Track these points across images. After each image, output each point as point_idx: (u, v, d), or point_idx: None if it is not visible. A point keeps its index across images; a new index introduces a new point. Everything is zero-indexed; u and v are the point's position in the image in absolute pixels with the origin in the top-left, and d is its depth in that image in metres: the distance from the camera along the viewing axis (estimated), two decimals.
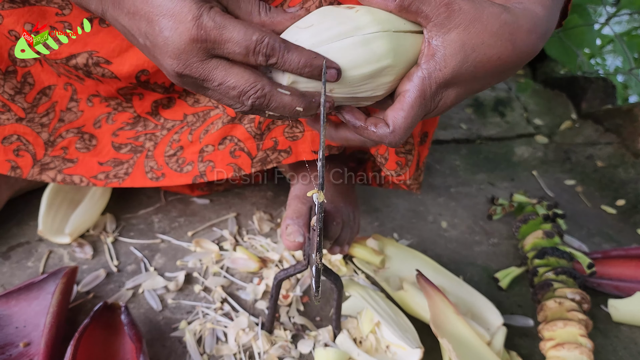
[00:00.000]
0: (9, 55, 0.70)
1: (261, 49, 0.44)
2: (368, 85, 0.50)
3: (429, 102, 0.51)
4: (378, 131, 0.50)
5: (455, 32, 0.48)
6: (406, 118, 0.50)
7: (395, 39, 0.48)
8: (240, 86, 0.46)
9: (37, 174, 0.79)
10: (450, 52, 0.48)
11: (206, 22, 0.44)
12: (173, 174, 0.80)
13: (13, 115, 0.75)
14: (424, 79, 0.50)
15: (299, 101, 0.47)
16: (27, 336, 0.68)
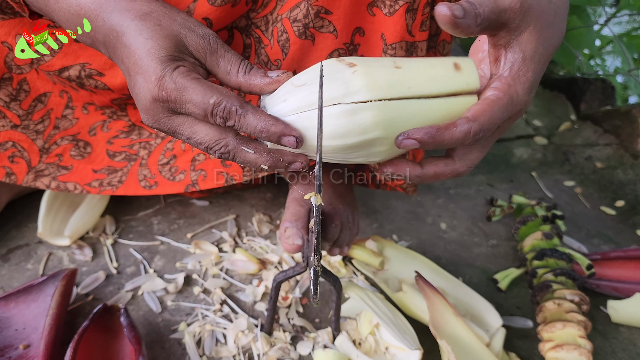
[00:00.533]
0: (5, 62, 0.70)
1: (218, 112, 0.45)
2: (357, 153, 0.47)
3: (514, 106, 0.48)
4: (458, 128, 0.45)
5: (527, 31, 0.46)
6: (489, 113, 0.46)
7: (390, 109, 0.45)
8: (205, 142, 0.47)
9: (32, 181, 0.79)
10: (529, 55, 0.47)
11: (167, 84, 0.45)
12: (166, 182, 0.81)
13: (8, 122, 0.75)
14: (509, 85, 0.47)
15: (264, 159, 0.47)
16: (26, 338, 0.68)
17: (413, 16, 0.62)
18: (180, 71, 0.45)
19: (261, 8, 0.65)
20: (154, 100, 0.46)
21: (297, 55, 0.66)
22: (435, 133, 0.45)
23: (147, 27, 0.47)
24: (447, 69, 0.47)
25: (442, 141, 0.45)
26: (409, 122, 0.45)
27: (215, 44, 0.49)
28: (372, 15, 0.64)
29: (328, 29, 0.65)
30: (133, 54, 0.47)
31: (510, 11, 0.46)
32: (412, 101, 0.45)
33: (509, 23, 0.46)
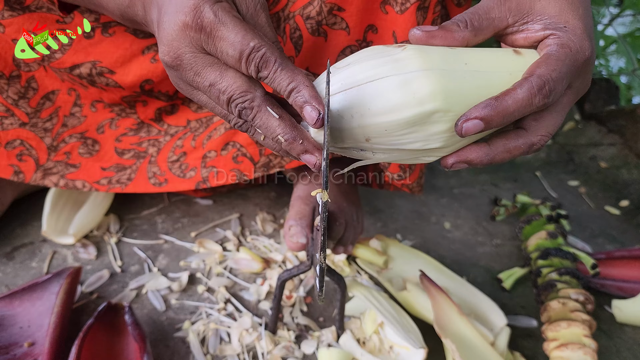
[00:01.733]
0: (13, 60, 0.70)
1: (255, 58, 0.41)
2: (413, 135, 0.41)
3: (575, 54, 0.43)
4: (518, 90, 0.40)
5: (572, 16, 0.44)
6: (545, 65, 0.41)
7: (448, 79, 0.40)
8: (230, 91, 0.42)
9: (40, 179, 0.79)
10: (557, 9, 0.44)
11: (205, 13, 0.41)
12: (176, 179, 0.81)
13: (16, 120, 0.75)
14: (559, 37, 0.43)
15: (285, 130, 0.42)
16: (31, 336, 0.68)
17: (424, 14, 0.62)
18: (223, 4, 0.41)
19: (273, 5, 0.65)
20: (184, 26, 0.41)
21: (310, 52, 0.66)
22: (496, 103, 0.40)
23: None
24: (507, 52, 0.45)
25: (507, 110, 0.40)
26: (469, 94, 0.41)
27: (260, 10, 0.45)
28: (384, 13, 0.64)
29: (340, 25, 0.65)
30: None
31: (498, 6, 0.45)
32: (471, 72, 0.41)
33: (507, 16, 0.45)
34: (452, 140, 0.42)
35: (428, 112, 0.40)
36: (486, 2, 0.45)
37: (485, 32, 0.45)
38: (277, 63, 0.41)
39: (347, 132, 0.42)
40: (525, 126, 0.45)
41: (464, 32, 0.43)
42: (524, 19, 0.45)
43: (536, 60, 0.43)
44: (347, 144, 0.44)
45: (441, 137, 0.41)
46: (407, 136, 0.41)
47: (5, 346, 0.67)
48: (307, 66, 0.68)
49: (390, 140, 0.42)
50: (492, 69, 0.42)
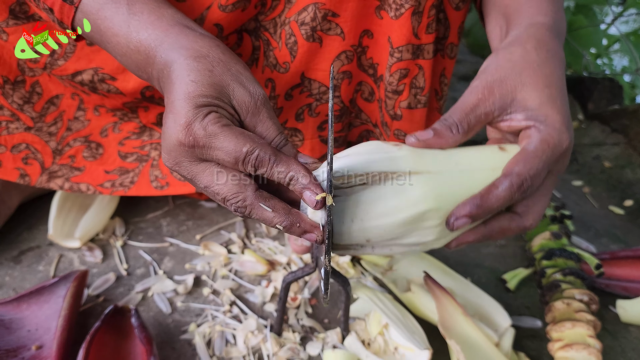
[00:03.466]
0: (18, 65, 0.71)
1: (250, 160, 0.44)
2: (409, 232, 0.46)
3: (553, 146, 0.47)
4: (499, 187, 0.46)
5: (521, 93, 0.48)
6: (523, 161, 0.46)
7: (438, 180, 0.45)
8: (223, 194, 0.46)
9: (45, 182, 0.80)
10: (538, 103, 0.48)
11: (196, 130, 0.44)
12: (177, 183, 0.81)
13: (22, 125, 0.76)
14: (539, 131, 0.47)
15: (281, 219, 0.45)
16: (39, 339, 0.69)
17: (419, 19, 0.62)
18: (211, 118, 0.44)
19: (270, 11, 0.66)
20: (179, 144, 0.45)
21: (305, 57, 0.66)
22: (480, 201, 0.45)
23: (197, 70, 0.46)
24: (493, 150, 0.49)
25: (491, 206, 0.45)
26: (456, 193, 0.45)
27: (261, 106, 0.47)
28: (379, 18, 0.65)
29: (335, 31, 0.65)
30: (173, 91, 0.46)
31: (483, 101, 0.48)
32: (459, 172, 0.46)
33: (493, 109, 0.48)
34: (444, 232, 0.47)
35: (421, 212, 0.44)
36: (470, 97, 0.48)
37: (475, 129, 0.49)
38: (272, 160, 0.44)
39: (347, 235, 0.46)
40: (518, 211, 0.50)
41: (456, 136, 0.47)
42: (507, 109, 0.48)
43: (515, 157, 0.47)
44: (347, 244, 0.47)
45: (434, 230, 0.46)
46: (404, 233, 0.45)
47: (14, 349, 0.67)
48: (302, 71, 0.68)
49: (388, 239, 0.46)
50: (478, 167, 0.47)
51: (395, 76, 0.66)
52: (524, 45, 0.51)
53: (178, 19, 0.51)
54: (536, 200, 0.49)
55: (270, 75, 0.70)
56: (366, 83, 0.72)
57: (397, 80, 0.66)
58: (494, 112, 0.49)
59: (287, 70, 0.68)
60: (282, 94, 0.71)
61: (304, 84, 0.70)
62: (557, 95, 0.49)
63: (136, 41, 0.50)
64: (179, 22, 0.50)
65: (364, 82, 0.72)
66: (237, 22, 0.65)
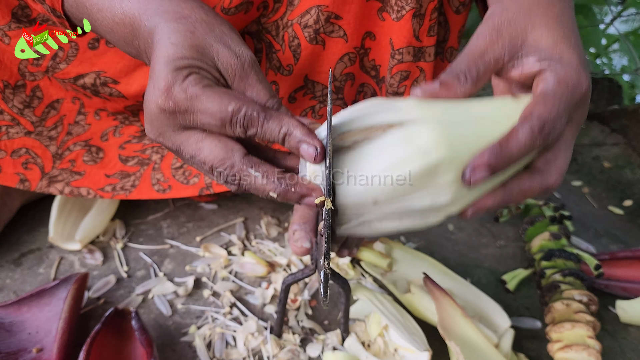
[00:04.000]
0: (19, 70, 0.71)
1: (238, 120, 0.41)
2: (421, 190, 0.41)
3: (571, 88, 0.42)
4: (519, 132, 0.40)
5: (532, 34, 0.44)
6: (543, 103, 0.41)
7: (450, 128, 0.40)
8: (210, 161, 0.43)
9: (45, 187, 0.80)
10: (551, 42, 0.44)
11: (176, 93, 0.41)
12: (179, 186, 0.81)
13: (22, 129, 0.76)
14: (555, 73, 0.42)
15: (273, 185, 0.42)
16: (39, 342, 0.69)
17: (420, 21, 0.63)
18: (192, 79, 0.42)
19: (272, 13, 0.66)
20: (160, 110, 0.42)
21: (308, 60, 0.67)
22: (499, 149, 0.40)
23: (178, 31, 0.43)
24: (505, 99, 0.45)
25: (511, 153, 0.40)
26: (471, 142, 0.41)
27: (249, 69, 0.44)
28: (382, 20, 0.65)
29: (338, 33, 0.65)
30: (154, 56, 0.43)
31: (492, 45, 0.44)
32: (472, 121, 0.41)
33: (503, 53, 0.44)
34: (460, 193, 0.41)
35: (434, 162, 0.39)
36: (477, 42, 0.44)
37: (485, 77, 0.44)
38: (261, 117, 0.41)
39: (352, 197, 0.41)
40: (538, 168, 0.45)
41: (465, 85, 0.43)
42: (518, 53, 0.45)
43: (534, 99, 0.43)
44: (352, 210, 0.43)
45: (449, 188, 0.41)
46: (416, 192, 0.40)
47: (14, 352, 0.68)
48: (305, 74, 0.68)
49: (398, 197, 0.41)
50: (492, 115, 0.42)
51: (396, 78, 0.66)
52: None
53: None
54: (557, 154, 0.44)
55: (274, 77, 0.70)
56: (368, 85, 0.72)
57: (398, 82, 0.67)
58: (504, 57, 0.44)
59: (290, 72, 0.68)
60: (286, 96, 0.71)
61: (308, 86, 0.70)
62: (570, 33, 0.45)
63: (120, 13, 0.47)
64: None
65: (366, 83, 0.72)
66: (239, 25, 0.65)
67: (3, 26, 0.64)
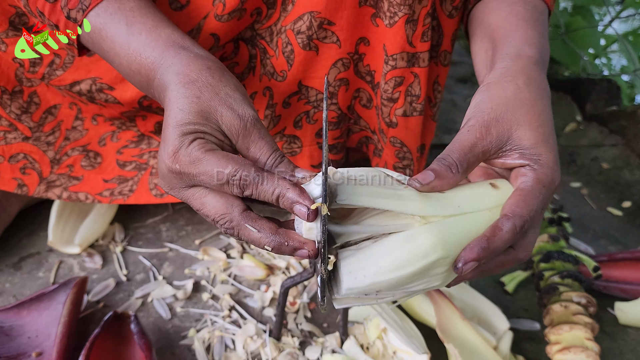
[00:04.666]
0: (16, 76, 0.71)
1: (234, 181, 0.44)
2: (419, 281, 0.46)
3: (547, 185, 0.48)
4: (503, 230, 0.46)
5: (516, 132, 0.49)
6: (523, 202, 0.47)
7: (445, 228, 0.46)
8: (212, 215, 0.47)
9: (44, 192, 0.81)
10: (532, 142, 0.49)
11: (182, 157, 0.45)
12: None
13: (20, 135, 0.76)
14: (534, 170, 0.48)
15: (267, 240, 0.46)
16: (39, 346, 0.69)
17: (413, 27, 0.63)
18: (196, 144, 0.45)
19: (265, 19, 0.66)
20: (169, 171, 0.46)
21: (302, 65, 0.67)
22: (486, 244, 0.45)
23: (185, 97, 0.47)
24: (487, 188, 0.50)
25: (496, 248, 0.46)
26: (462, 238, 0.46)
27: (251, 128, 0.47)
28: (375, 25, 0.65)
29: (331, 39, 0.65)
30: (165, 120, 0.47)
31: (481, 140, 0.48)
32: (463, 217, 0.47)
33: (490, 148, 0.49)
34: (449, 276, 0.48)
35: (432, 262, 0.45)
36: (468, 136, 0.49)
37: (473, 167, 0.49)
38: (256, 180, 0.45)
39: (359, 289, 0.46)
40: (512, 245, 0.50)
41: (456, 176, 0.47)
42: (503, 148, 0.49)
43: (514, 197, 0.48)
44: (356, 297, 0.48)
45: (441, 276, 0.47)
46: (413, 281, 0.46)
47: (14, 356, 0.68)
48: (299, 79, 0.69)
49: (398, 289, 0.46)
50: (477, 208, 0.48)
51: (390, 84, 0.67)
52: (515, 82, 0.52)
53: (174, 40, 0.52)
54: (530, 236, 0.50)
55: (267, 83, 0.70)
56: (364, 90, 0.72)
57: (392, 87, 0.67)
58: (490, 151, 0.49)
59: (284, 78, 0.68)
60: (280, 102, 0.71)
61: (302, 91, 0.71)
62: (549, 134, 0.50)
63: (136, 64, 0.51)
64: (175, 42, 0.51)
65: (362, 88, 0.72)
66: (233, 31, 0.65)
67: (0, 33, 0.64)
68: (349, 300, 0.48)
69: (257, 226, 0.46)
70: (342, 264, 0.46)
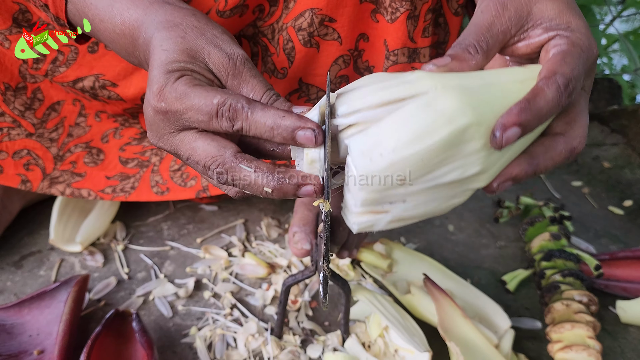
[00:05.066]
0: (19, 72, 0.71)
1: (224, 112, 0.40)
2: (450, 161, 0.38)
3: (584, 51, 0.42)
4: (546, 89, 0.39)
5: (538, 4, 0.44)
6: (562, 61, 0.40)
7: (469, 93, 0.38)
8: (202, 160, 0.42)
9: (47, 188, 0.81)
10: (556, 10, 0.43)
11: (167, 94, 0.42)
12: (177, 188, 0.82)
13: (23, 131, 0.76)
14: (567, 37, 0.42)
15: (267, 180, 0.41)
16: (40, 344, 0.69)
17: (415, 23, 0.63)
18: (183, 80, 0.42)
19: (267, 17, 0.66)
20: (154, 112, 0.43)
21: (303, 62, 0.67)
22: (529, 106, 0.38)
23: (169, 38, 0.44)
24: (514, 68, 0.44)
25: (541, 111, 0.39)
26: (494, 104, 0.38)
27: (241, 66, 0.44)
28: (375, 21, 0.65)
29: (332, 36, 0.65)
30: (150, 65, 0.44)
31: (498, 18, 0.43)
32: (489, 86, 0.39)
33: (510, 26, 0.43)
34: (489, 160, 0.39)
35: (462, 127, 0.37)
36: (482, 17, 0.43)
37: (494, 50, 0.44)
38: (245, 108, 0.41)
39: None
40: (560, 131, 0.44)
41: (477, 57, 0.42)
42: (524, 25, 0.44)
43: (551, 60, 0.41)
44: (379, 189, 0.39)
45: (478, 157, 0.38)
46: (444, 164, 0.38)
47: (15, 354, 0.68)
48: (300, 77, 0.69)
49: (427, 176, 0.38)
50: (506, 80, 0.41)
51: None
52: None
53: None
54: (576, 117, 0.43)
55: (268, 80, 0.70)
56: None
57: None
58: (510, 30, 0.43)
59: (285, 75, 0.68)
60: None
61: (302, 89, 0.71)
62: (572, 3, 0.44)
63: (120, 24, 0.49)
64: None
65: None
66: (235, 28, 0.65)
67: (4, 30, 0.64)
68: (365, 212, 0.40)
69: (253, 165, 0.41)
70: (351, 143, 0.37)
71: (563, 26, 0.43)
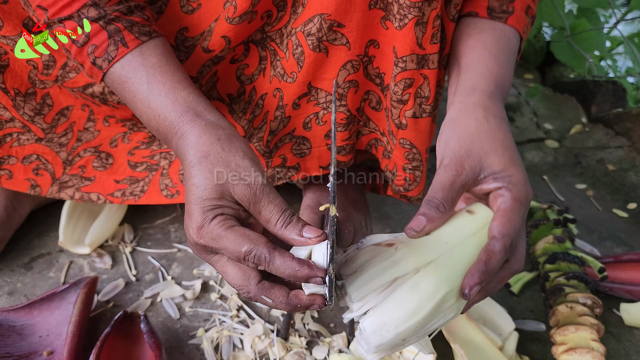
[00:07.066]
0: (29, 78, 0.72)
1: (249, 259, 0.49)
2: (436, 318, 0.51)
3: (524, 202, 0.54)
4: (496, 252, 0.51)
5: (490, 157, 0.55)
6: (508, 222, 0.52)
7: (441, 266, 0.50)
8: (232, 283, 0.53)
9: (56, 192, 0.82)
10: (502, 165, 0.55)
11: (205, 233, 0.51)
12: None
13: (33, 136, 0.77)
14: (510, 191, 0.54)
15: (282, 307, 0.51)
16: (50, 345, 0.70)
17: (423, 29, 0.63)
18: (217, 221, 0.51)
19: (276, 22, 0.67)
20: (195, 244, 0.52)
21: (312, 67, 0.68)
22: (484, 267, 0.50)
23: (201, 173, 0.52)
24: (465, 217, 0.55)
25: (494, 268, 0.51)
26: (460, 268, 0.51)
27: (260, 194, 0.52)
28: (385, 28, 0.66)
29: (341, 41, 0.66)
30: (187, 193, 0.53)
31: (458, 176, 0.54)
32: (454, 250, 0.52)
33: (468, 180, 0.54)
34: (460, 305, 0.52)
35: (441, 298, 0.50)
36: (446, 175, 0.54)
37: (457, 201, 0.55)
38: (267, 258, 0.49)
39: (387, 344, 0.50)
40: (506, 261, 0.54)
41: (445, 214, 0.53)
42: (478, 177, 0.55)
43: (498, 218, 0.53)
44: (388, 349, 0.52)
45: (453, 307, 0.51)
46: (432, 320, 0.51)
47: (26, 355, 0.69)
48: (309, 81, 0.69)
49: (420, 331, 0.51)
50: (462, 238, 0.53)
51: (400, 86, 0.67)
52: (474, 116, 0.58)
53: (189, 104, 0.56)
54: (518, 247, 0.54)
55: (278, 84, 0.71)
56: (374, 92, 0.73)
57: (402, 89, 0.67)
58: (469, 182, 0.55)
59: (294, 80, 0.69)
60: (290, 103, 0.72)
61: (311, 93, 0.71)
62: (514, 156, 0.56)
63: (155, 121, 0.57)
64: (190, 107, 0.56)
65: (371, 91, 0.73)
66: (244, 34, 0.66)
67: (14, 36, 0.65)
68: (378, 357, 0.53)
69: (271, 296, 0.51)
70: (366, 326, 0.50)
71: (507, 179, 0.54)
